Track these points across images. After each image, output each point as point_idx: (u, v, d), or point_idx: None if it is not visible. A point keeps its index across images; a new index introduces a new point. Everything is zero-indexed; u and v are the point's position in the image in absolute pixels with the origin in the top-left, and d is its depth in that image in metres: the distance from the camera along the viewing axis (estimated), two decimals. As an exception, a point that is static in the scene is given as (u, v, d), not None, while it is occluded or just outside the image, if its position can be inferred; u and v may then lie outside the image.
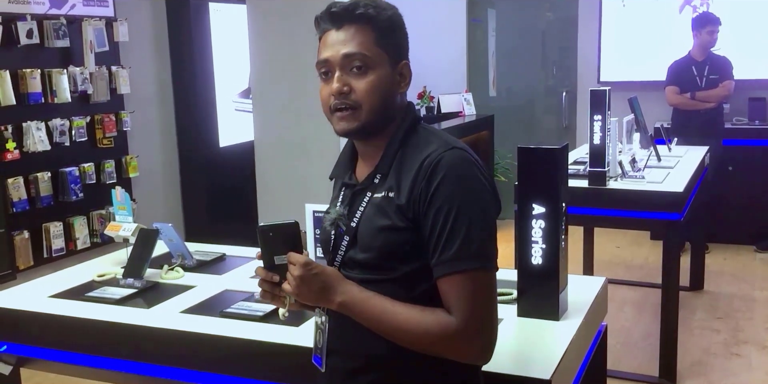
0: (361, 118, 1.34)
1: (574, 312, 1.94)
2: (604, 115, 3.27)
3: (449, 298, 1.27)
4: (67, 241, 4.07)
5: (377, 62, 1.34)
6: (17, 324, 2.11)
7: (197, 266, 2.42)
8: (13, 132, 3.74)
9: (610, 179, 3.43)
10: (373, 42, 1.34)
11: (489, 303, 1.29)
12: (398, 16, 1.39)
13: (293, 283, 1.31)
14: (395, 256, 1.32)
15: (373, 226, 1.33)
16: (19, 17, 3.75)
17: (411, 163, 1.32)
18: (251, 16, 4.11)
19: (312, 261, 1.31)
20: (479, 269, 1.27)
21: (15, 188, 3.77)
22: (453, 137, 1.38)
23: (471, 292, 1.26)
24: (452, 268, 1.26)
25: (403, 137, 1.37)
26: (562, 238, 1.88)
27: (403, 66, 1.39)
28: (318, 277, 1.30)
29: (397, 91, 1.38)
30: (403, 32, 1.40)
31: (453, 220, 1.26)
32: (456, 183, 1.27)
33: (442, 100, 5.58)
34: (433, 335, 1.27)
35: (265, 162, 4.24)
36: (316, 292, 1.31)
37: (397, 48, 1.38)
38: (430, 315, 1.27)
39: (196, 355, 1.87)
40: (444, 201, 1.26)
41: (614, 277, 4.76)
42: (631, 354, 3.67)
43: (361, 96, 1.33)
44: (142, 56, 4.63)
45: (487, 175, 1.34)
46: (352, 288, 1.32)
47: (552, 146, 1.84)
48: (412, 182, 1.30)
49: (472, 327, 1.26)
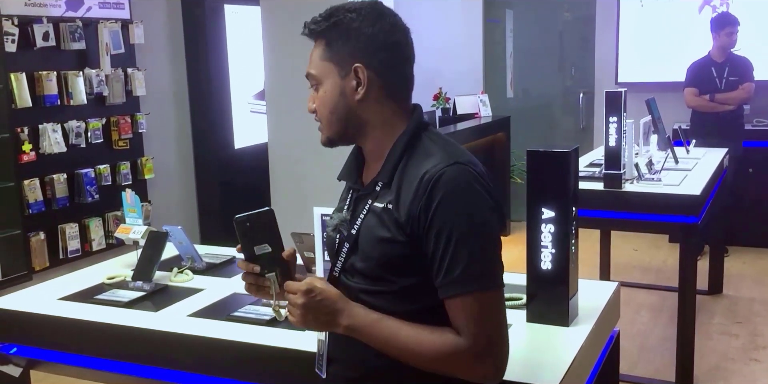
0: (324, 131, 1.38)
1: (584, 318, 1.90)
2: (619, 116, 3.23)
3: (457, 319, 1.25)
4: (83, 243, 4.10)
5: (324, 76, 1.34)
6: (27, 326, 2.12)
7: (207, 269, 2.42)
8: (29, 134, 3.77)
9: (625, 182, 3.38)
10: (319, 57, 1.35)
11: (498, 322, 1.27)
12: (352, 18, 1.31)
13: (298, 312, 1.28)
14: (393, 269, 1.29)
15: (372, 235, 1.31)
16: (36, 20, 3.78)
17: (412, 176, 1.28)
18: (265, 17, 4.11)
19: (314, 286, 1.27)
20: (488, 290, 1.25)
21: (31, 190, 3.80)
22: (458, 147, 1.35)
23: (479, 312, 1.24)
24: (458, 289, 1.24)
25: (407, 144, 1.33)
26: (573, 243, 1.85)
27: (356, 70, 1.31)
28: (322, 303, 1.27)
29: (352, 99, 1.33)
30: (358, 33, 1.31)
31: (456, 242, 1.23)
32: (456, 203, 1.24)
33: (458, 101, 5.56)
34: (444, 357, 1.25)
35: (278, 164, 4.23)
36: (323, 319, 1.28)
37: (347, 54, 1.31)
38: (439, 337, 1.25)
39: (202, 359, 1.87)
40: (445, 223, 1.23)
41: (631, 280, 4.71)
42: (647, 359, 3.62)
43: (318, 112, 1.37)
44: (157, 58, 4.65)
45: (490, 188, 1.30)
46: (359, 311, 1.29)
47: (562, 149, 1.81)
48: (411, 198, 1.26)
49: (482, 347, 1.24)
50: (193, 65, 4.91)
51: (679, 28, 5.73)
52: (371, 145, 1.38)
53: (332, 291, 1.30)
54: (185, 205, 4.98)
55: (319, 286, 1.28)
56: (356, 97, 1.33)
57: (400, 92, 1.36)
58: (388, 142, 1.35)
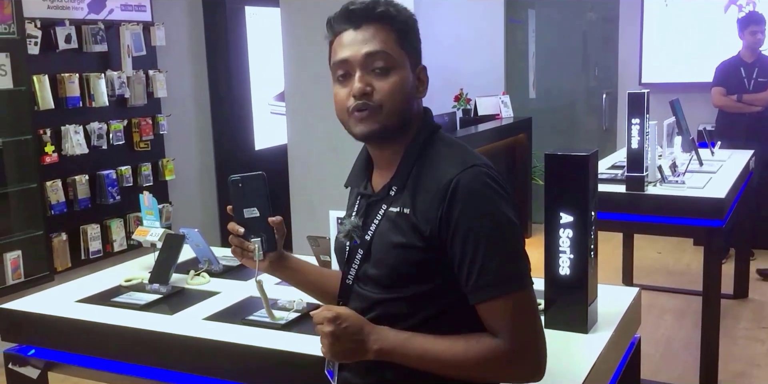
0: (381, 120, 1.28)
1: (604, 324, 1.87)
2: (642, 118, 3.19)
3: (493, 322, 1.24)
4: (104, 243, 4.12)
5: (399, 63, 1.29)
6: (45, 328, 2.13)
7: (224, 272, 2.41)
8: (52, 135, 3.80)
9: (648, 184, 3.33)
10: (394, 42, 1.29)
11: (533, 320, 1.26)
12: (414, 19, 1.36)
13: (327, 341, 1.25)
14: (408, 275, 1.28)
15: (387, 241, 1.29)
16: (58, 22, 3.81)
17: (428, 181, 1.27)
18: (285, 19, 4.11)
19: (338, 313, 1.25)
20: (520, 290, 1.24)
21: (54, 191, 3.83)
22: (469, 150, 1.33)
23: (513, 313, 1.23)
24: (492, 293, 1.23)
25: (421, 148, 1.31)
26: (592, 248, 1.82)
27: (421, 70, 1.35)
28: (349, 330, 1.25)
29: (415, 96, 1.34)
30: (418, 36, 1.36)
31: (484, 245, 1.22)
32: (479, 206, 1.23)
33: (479, 102, 5.52)
34: (486, 362, 1.24)
35: (297, 165, 4.23)
36: (351, 345, 1.25)
37: (416, 51, 1.34)
38: (475, 344, 1.24)
39: (216, 363, 1.86)
40: (470, 227, 1.22)
41: (655, 283, 4.65)
42: (670, 364, 3.56)
43: (383, 97, 1.27)
44: (178, 60, 4.67)
45: (507, 186, 1.29)
46: (387, 333, 1.27)
47: (581, 153, 1.78)
48: (430, 204, 1.24)
49: (522, 347, 1.24)
50: (214, 67, 4.92)
51: (704, 27, 5.64)
52: (398, 145, 1.33)
53: (357, 317, 1.28)
54: (206, 206, 5.00)
55: (343, 312, 1.26)
56: (418, 95, 1.35)
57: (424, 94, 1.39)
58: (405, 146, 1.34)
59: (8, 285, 3.59)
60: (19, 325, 2.17)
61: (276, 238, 1.43)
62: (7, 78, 3.55)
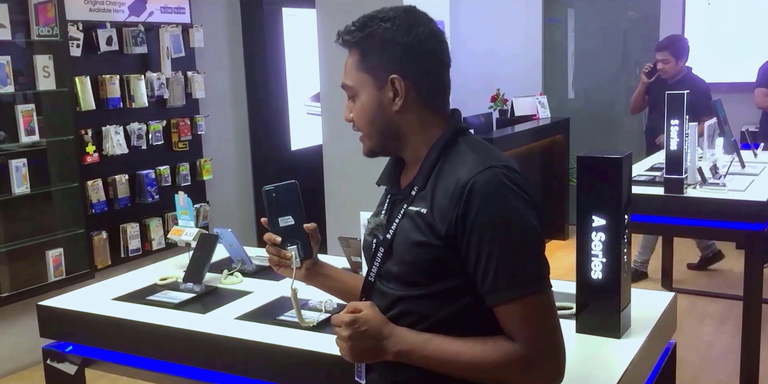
0: (366, 142, 1.38)
1: (637, 329, 1.84)
2: (681, 119, 3.13)
3: (510, 326, 1.23)
4: (143, 242, 4.20)
5: (360, 87, 1.34)
6: (82, 325, 2.17)
7: (256, 271, 2.44)
8: (93, 136, 3.88)
9: (688, 187, 3.27)
10: (354, 68, 1.34)
11: (551, 324, 1.24)
12: (386, 28, 1.29)
13: (345, 345, 1.28)
14: (428, 272, 1.28)
15: (407, 239, 1.30)
16: (100, 25, 3.89)
17: (446, 182, 1.27)
18: (320, 20, 4.14)
19: (357, 317, 1.27)
20: (537, 293, 1.22)
21: (94, 190, 3.91)
22: (493, 151, 1.32)
23: (531, 317, 1.22)
24: (508, 295, 1.22)
25: (443, 150, 1.31)
26: (625, 252, 1.79)
27: (393, 81, 1.30)
28: (367, 333, 1.27)
29: (390, 110, 1.32)
30: (393, 44, 1.29)
31: (500, 247, 1.21)
32: (495, 208, 1.22)
33: (515, 103, 5.47)
34: (503, 367, 1.23)
35: (332, 166, 4.25)
36: (371, 348, 1.28)
37: (383, 66, 1.30)
38: (493, 347, 1.23)
39: (247, 362, 1.88)
40: (485, 229, 1.21)
41: (695, 288, 4.56)
42: (709, 370, 3.49)
43: (356, 123, 1.37)
44: (216, 61, 4.73)
45: (528, 189, 1.27)
46: (407, 334, 1.28)
47: (614, 155, 1.75)
48: (447, 205, 1.24)
49: (539, 351, 1.22)
50: (251, 68, 4.97)
51: (748, 26, 5.52)
52: (410, 152, 1.37)
53: (377, 317, 1.29)
54: (242, 206, 5.05)
55: (362, 316, 1.28)
56: (394, 108, 1.32)
57: (436, 99, 1.35)
58: (425, 148, 1.34)
59: (50, 282, 3.68)
60: (57, 322, 2.22)
61: (311, 245, 1.45)
62: (51, 79, 3.63)
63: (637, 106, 4.97)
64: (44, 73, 3.61)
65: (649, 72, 4.68)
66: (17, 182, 3.52)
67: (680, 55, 4.53)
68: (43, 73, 3.61)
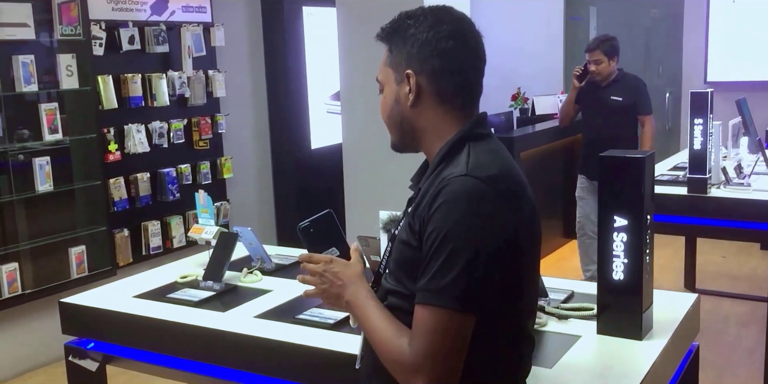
0: (391, 137, 1.41)
1: (659, 331, 1.82)
2: (705, 118, 3.10)
3: (414, 327, 1.22)
4: (164, 240, 4.22)
5: (385, 82, 1.38)
6: (103, 322, 2.19)
7: (276, 270, 2.44)
8: (115, 134, 3.91)
9: (711, 186, 3.23)
10: (383, 62, 1.38)
11: (445, 345, 1.18)
12: (409, 24, 1.31)
13: (316, 280, 1.36)
14: (406, 272, 1.28)
15: (399, 237, 1.33)
16: (122, 24, 3.92)
17: (435, 183, 1.26)
18: (341, 19, 4.13)
19: (334, 259, 1.35)
20: (448, 309, 1.17)
21: (116, 188, 3.94)
22: (492, 160, 1.27)
23: (430, 329, 1.19)
24: (422, 298, 1.20)
25: (446, 153, 1.30)
26: (647, 253, 1.77)
27: (407, 76, 1.31)
28: (337, 275, 1.35)
29: (405, 105, 1.33)
30: (413, 40, 1.30)
31: (435, 249, 1.19)
32: (449, 213, 1.19)
33: (536, 101, 5.44)
34: (388, 359, 1.25)
35: (351, 165, 4.24)
36: (334, 291, 1.35)
37: (402, 60, 1.32)
38: (397, 338, 1.24)
39: (265, 361, 1.88)
40: (435, 228, 1.20)
41: (719, 289, 4.50)
42: (733, 372, 3.45)
43: (382, 116, 1.40)
44: (237, 60, 4.74)
45: (508, 209, 1.22)
46: (361, 291, 1.34)
47: (636, 155, 1.73)
48: (425, 204, 1.25)
49: (419, 365, 1.19)
50: (272, 66, 4.98)
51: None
52: (427, 151, 1.38)
53: (352, 269, 1.36)
54: (263, 204, 5.07)
55: (339, 260, 1.36)
56: (408, 104, 1.33)
57: (455, 100, 1.33)
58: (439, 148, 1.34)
59: (73, 279, 3.72)
60: (79, 319, 2.24)
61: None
62: (74, 78, 3.67)
63: (567, 116, 4.59)
64: (67, 72, 3.64)
65: (580, 75, 4.35)
66: (41, 180, 3.56)
67: (613, 54, 4.25)
68: (67, 72, 3.64)
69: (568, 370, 1.64)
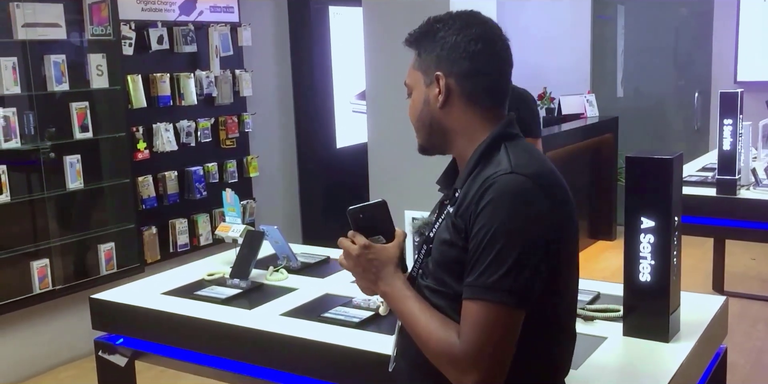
0: (418, 139, 1.42)
1: (687, 334, 1.81)
2: (735, 118, 3.06)
3: (464, 322, 1.22)
4: (191, 237, 4.27)
5: (413, 84, 1.39)
6: (132, 319, 2.22)
7: (301, 268, 2.46)
8: (144, 133, 3.96)
9: (741, 188, 3.20)
10: (412, 66, 1.39)
11: (499, 339, 1.20)
12: (438, 27, 1.33)
13: (350, 262, 1.36)
14: (451, 272, 1.28)
15: (439, 237, 1.32)
16: (151, 24, 3.96)
17: (477, 183, 1.27)
18: (366, 19, 4.15)
19: (372, 245, 1.34)
20: (500, 304, 1.19)
21: (145, 186, 3.99)
22: (530, 158, 1.30)
23: (483, 324, 1.20)
24: (469, 294, 1.21)
25: (482, 153, 1.32)
26: (675, 255, 1.76)
27: (437, 78, 1.33)
28: (372, 263, 1.35)
29: (435, 106, 1.34)
30: (442, 42, 1.32)
31: (485, 245, 1.20)
32: (498, 210, 1.21)
33: (563, 101, 5.41)
34: (437, 353, 1.25)
35: (376, 164, 4.26)
36: (368, 276, 1.36)
37: (431, 63, 1.34)
38: (444, 333, 1.24)
39: (290, 358, 1.90)
40: (483, 224, 1.21)
41: (748, 291, 4.44)
42: (760, 376, 3.40)
43: (410, 119, 1.41)
44: (264, 60, 4.78)
45: (553, 205, 1.24)
46: (398, 283, 1.34)
47: (664, 156, 1.72)
48: (469, 203, 1.25)
49: (471, 359, 1.20)
50: (298, 66, 5.01)
51: (807, 23, 5.34)
52: (456, 153, 1.39)
53: (387, 256, 1.35)
54: (288, 203, 5.10)
55: (377, 247, 1.35)
56: (437, 105, 1.34)
57: (484, 101, 1.34)
58: (471, 150, 1.34)
59: (102, 275, 3.77)
60: (109, 315, 2.27)
61: (405, 259, 1.44)
62: (104, 78, 3.72)
63: None
64: (98, 72, 3.70)
65: None
66: (71, 178, 3.61)
67: None
68: (97, 72, 3.69)
69: (594, 371, 1.64)
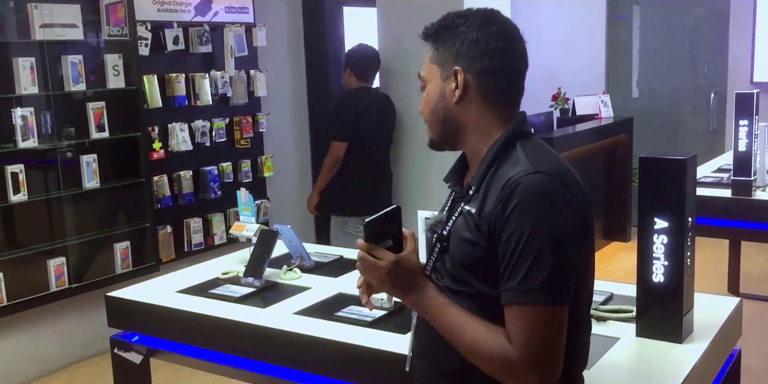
0: (429, 133, 1.42)
1: (700, 335, 1.80)
2: (751, 119, 3.05)
3: (512, 327, 1.23)
4: (206, 237, 4.29)
5: (429, 78, 1.39)
6: (147, 316, 2.25)
7: (315, 267, 2.48)
8: (159, 133, 3.99)
9: (756, 189, 3.18)
10: (428, 59, 1.39)
11: (551, 338, 1.22)
12: (459, 23, 1.34)
13: (377, 275, 1.32)
14: (473, 271, 1.29)
15: (459, 236, 1.32)
16: (167, 25, 3.99)
17: (496, 183, 1.28)
18: (380, 19, 4.16)
19: (400, 258, 1.32)
20: (544, 304, 1.21)
21: (160, 186, 4.02)
22: (549, 157, 1.32)
23: (533, 326, 1.21)
24: (517, 298, 1.22)
25: (498, 151, 1.32)
26: (688, 255, 1.75)
27: (455, 72, 1.34)
28: (400, 274, 1.32)
29: (450, 101, 1.35)
30: (463, 38, 1.33)
31: (522, 249, 1.21)
32: (530, 211, 1.22)
33: (577, 101, 5.39)
34: (490, 360, 1.25)
35: (394, 164, 4.27)
36: (398, 288, 1.33)
37: (450, 57, 1.35)
38: (494, 339, 1.24)
39: (303, 356, 1.91)
40: (516, 228, 1.22)
41: (763, 293, 4.41)
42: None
43: (422, 112, 1.41)
44: (278, 60, 4.80)
45: (577, 201, 1.26)
46: (431, 292, 1.33)
47: (678, 156, 1.71)
48: (492, 204, 1.26)
49: (529, 362, 1.21)
50: (312, 66, 5.03)
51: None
52: (469, 149, 1.40)
53: (413, 265, 1.34)
54: (302, 202, 5.08)
55: (406, 257, 1.33)
56: (453, 100, 1.35)
57: (500, 99, 1.36)
58: (484, 148, 1.35)
59: (117, 274, 3.80)
60: (124, 313, 2.30)
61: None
62: (120, 78, 3.75)
63: None
64: (114, 72, 3.73)
65: None
66: (87, 177, 3.65)
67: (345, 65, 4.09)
68: (113, 72, 3.73)
69: (607, 372, 1.64)
